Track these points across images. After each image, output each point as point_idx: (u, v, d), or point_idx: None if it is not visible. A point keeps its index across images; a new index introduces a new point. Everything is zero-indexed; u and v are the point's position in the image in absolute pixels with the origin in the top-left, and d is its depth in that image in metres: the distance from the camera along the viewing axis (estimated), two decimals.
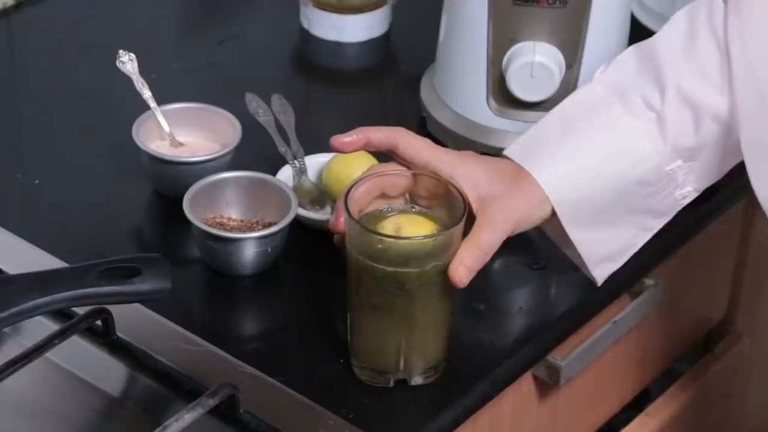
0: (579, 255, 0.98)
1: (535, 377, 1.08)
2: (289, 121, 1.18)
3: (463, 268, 0.92)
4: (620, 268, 1.09)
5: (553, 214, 0.96)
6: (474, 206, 0.94)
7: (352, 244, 0.93)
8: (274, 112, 1.18)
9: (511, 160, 0.96)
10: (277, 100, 1.20)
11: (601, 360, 1.13)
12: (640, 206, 0.98)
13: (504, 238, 0.94)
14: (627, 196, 0.96)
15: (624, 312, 1.12)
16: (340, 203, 0.94)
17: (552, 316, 1.05)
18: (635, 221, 0.99)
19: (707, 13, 0.97)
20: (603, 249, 0.99)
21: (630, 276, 1.11)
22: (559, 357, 1.06)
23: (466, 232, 0.94)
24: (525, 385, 1.08)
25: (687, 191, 0.99)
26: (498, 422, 1.06)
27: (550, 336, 1.05)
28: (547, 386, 1.09)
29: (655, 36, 0.99)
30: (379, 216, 0.95)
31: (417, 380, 0.96)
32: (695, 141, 0.96)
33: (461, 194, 0.93)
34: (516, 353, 1.02)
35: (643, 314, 1.14)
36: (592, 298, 1.08)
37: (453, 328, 1.03)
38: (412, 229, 0.93)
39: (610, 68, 0.98)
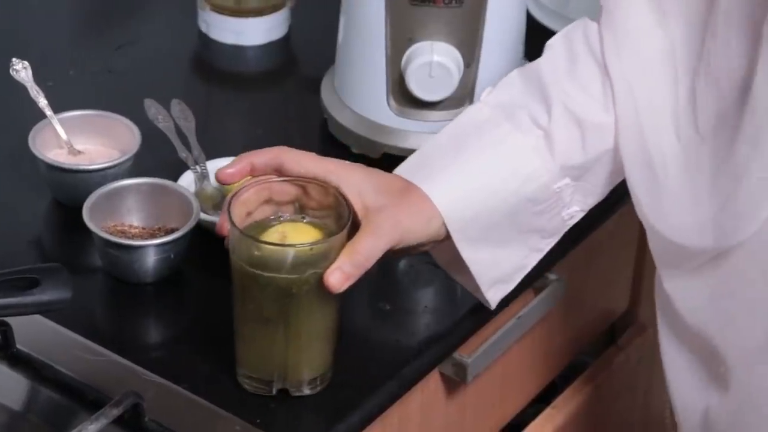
0: (471, 278, 0.99)
1: (442, 375, 1.09)
2: (189, 126, 1.17)
3: (339, 273, 0.90)
4: None
5: (441, 234, 0.95)
6: (360, 215, 0.93)
7: (234, 250, 0.93)
8: (174, 117, 1.18)
9: (401, 177, 0.96)
10: (176, 105, 1.19)
11: (507, 356, 1.14)
12: (530, 225, 0.99)
13: (387, 247, 0.92)
14: (518, 214, 0.97)
15: (528, 307, 1.13)
16: (226, 206, 0.93)
17: (457, 314, 1.06)
18: (525, 241, 0.99)
19: (583, 34, 0.99)
20: (494, 270, 0.99)
21: (533, 271, 1.12)
22: (465, 354, 1.07)
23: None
24: (432, 383, 1.08)
25: (573, 211, 1.00)
26: (406, 421, 1.07)
27: (456, 334, 1.06)
28: (454, 383, 1.10)
29: (537, 60, 1.00)
30: (267, 224, 0.95)
31: (304, 390, 0.96)
32: (583, 158, 0.98)
33: (346, 202, 0.93)
34: (422, 352, 1.02)
35: (547, 309, 1.16)
36: None
37: (360, 329, 1.03)
38: (297, 237, 0.93)
39: (496, 89, 1.00)
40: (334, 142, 1.21)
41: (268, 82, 1.35)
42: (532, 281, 1.13)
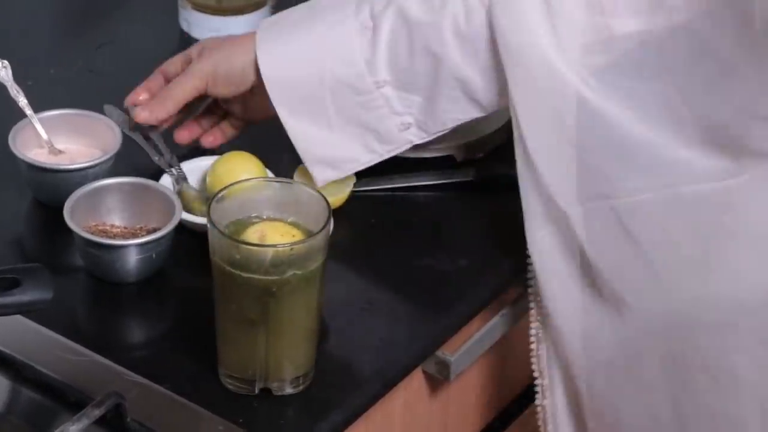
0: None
1: (425, 373, 1.09)
2: (153, 129, 1.16)
3: (144, 113, 1.07)
4: (506, 262, 1.11)
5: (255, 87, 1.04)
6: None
7: (214, 251, 0.92)
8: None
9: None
10: (133, 110, 1.17)
11: (490, 354, 1.14)
12: (357, 117, 1.03)
13: (197, 85, 1.06)
14: (339, 97, 1.02)
15: (511, 305, 1.13)
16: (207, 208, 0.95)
17: (440, 313, 1.06)
18: (358, 135, 1.04)
19: None
20: (321, 150, 1.04)
21: (516, 269, 1.13)
22: (448, 352, 1.07)
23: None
24: (416, 381, 1.08)
25: (407, 122, 1.03)
26: (390, 419, 1.07)
27: (439, 332, 1.06)
28: (437, 382, 1.10)
29: None
30: (247, 223, 0.95)
31: (286, 389, 0.96)
32: (408, 63, 1.01)
33: (327, 204, 0.93)
34: (405, 350, 1.02)
35: (530, 306, 1.15)
36: (479, 293, 1.09)
37: (342, 328, 1.03)
38: (276, 236, 0.93)
39: None
40: None
41: None
42: (515, 279, 1.13)
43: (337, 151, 1.04)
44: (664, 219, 0.98)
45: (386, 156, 1.06)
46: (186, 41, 1.36)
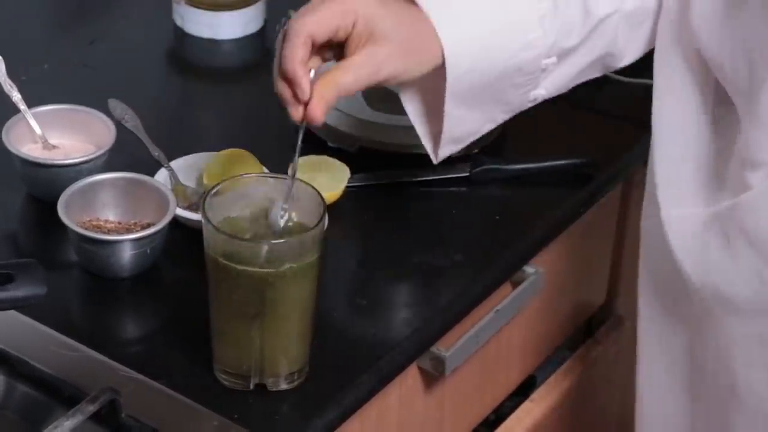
0: (431, 128, 1.00)
1: (420, 369, 1.08)
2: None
3: (322, 105, 0.90)
4: (502, 257, 1.11)
5: (423, 75, 0.94)
6: (359, 27, 0.91)
7: (209, 247, 0.92)
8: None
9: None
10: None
11: (485, 349, 1.14)
12: (504, 94, 1.00)
13: (366, 85, 0.92)
14: (502, 79, 0.98)
15: (506, 301, 1.13)
16: (201, 202, 0.91)
17: (435, 308, 1.06)
18: (491, 108, 1.01)
19: None
20: (458, 128, 1.00)
21: (511, 265, 1.13)
22: (443, 348, 1.07)
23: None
24: (411, 377, 1.08)
25: (539, 93, 1.02)
26: (385, 415, 1.06)
27: (434, 328, 1.06)
28: (432, 377, 1.10)
29: None
30: (240, 218, 0.94)
31: (281, 385, 0.96)
32: (576, 41, 0.99)
33: (322, 200, 0.93)
34: (400, 346, 1.02)
35: (524, 302, 1.16)
36: (474, 289, 1.09)
37: (337, 323, 1.03)
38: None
39: None
40: (310, 136, 1.21)
41: (243, 75, 1.34)
42: (510, 274, 1.14)
43: (468, 126, 1.01)
44: None
45: (499, 123, 1.03)
46: (180, 36, 1.36)
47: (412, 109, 1.01)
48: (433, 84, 0.96)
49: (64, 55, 1.31)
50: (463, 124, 1.00)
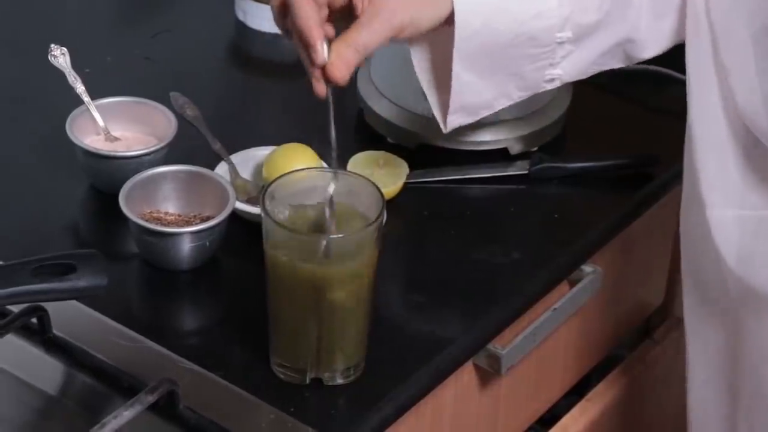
0: (441, 94, 0.98)
1: (476, 367, 1.08)
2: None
3: (342, 64, 0.89)
4: (560, 256, 1.11)
5: (435, 30, 0.93)
6: None
7: (268, 240, 0.92)
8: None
9: None
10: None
11: (541, 348, 1.13)
12: (517, 66, 0.98)
13: (383, 41, 0.91)
14: (514, 48, 0.97)
15: (563, 299, 1.12)
16: (261, 197, 0.91)
17: (492, 306, 1.05)
18: (505, 81, 0.99)
19: None
20: (468, 96, 0.99)
21: (569, 263, 1.12)
22: (499, 346, 1.07)
23: None
24: (466, 374, 1.08)
25: (556, 74, 1.00)
26: (440, 412, 1.06)
27: (491, 325, 1.05)
28: (488, 375, 1.10)
29: None
30: (300, 212, 0.94)
31: (337, 380, 0.96)
32: (594, 18, 0.98)
33: (380, 194, 0.93)
34: (456, 343, 1.02)
35: (582, 301, 1.15)
36: (532, 287, 1.08)
37: (394, 319, 1.03)
38: (335, 226, 0.92)
39: None
40: (369, 132, 1.21)
41: (303, 70, 1.34)
42: (568, 273, 1.13)
43: (480, 97, 0.99)
44: None
45: (515, 101, 1.01)
46: (241, 30, 1.37)
47: (425, 76, 0.99)
48: (443, 48, 0.95)
49: (127, 48, 1.32)
50: (474, 92, 0.98)
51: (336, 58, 0.89)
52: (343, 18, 0.93)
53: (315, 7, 0.89)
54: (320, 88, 0.89)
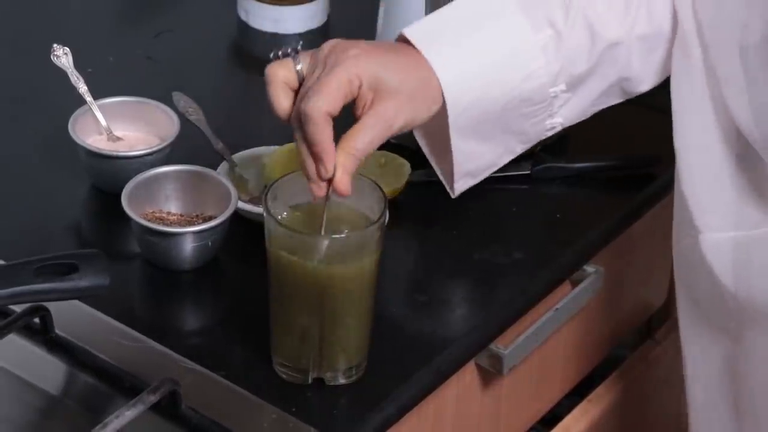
0: (446, 165, 0.99)
1: (478, 366, 1.08)
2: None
3: (347, 178, 0.90)
4: (562, 256, 1.11)
5: (432, 117, 0.94)
6: (364, 89, 0.91)
7: (270, 240, 0.93)
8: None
9: (410, 43, 0.94)
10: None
11: (543, 348, 1.13)
12: (515, 125, 0.99)
13: (382, 142, 0.92)
14: (509, 111, 0.97)
15: (565, 300, 1.12)
16: (263, 196, 0.92)
17: (494, 306, 1.06)
18: (506, 141, 0.99)
19: None
20: (471, 163, 0.99)
21: (571, 263, 1.12)
22: (501, 346, 1.07)
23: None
24: (468, 374, 1.08)
25: (556, 122, 1.00)
26: (442, 412, 1.06)
27: (493, 325, 1.05)
28: (490, 375, 1.10)
29: None
30: (302, 211, 0.95)
31: (339, 380, 0.96)
32: (585, 67, 0.98)
33: (383, 193, 0.93)
34: (458, 343, 1.02)
35: (584, 302, 1.15)
36: (534, 287, 1.08)
37: (396, 319, 1.03)
38: (337, 226, 0.93)
39: None
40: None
41: None
42: (570, 273, 1.13)
43: (483, 160, 1.00)
44: None
45: (518, 153, 1.02)
46: (244, 31, 1.37)
47: (427, 147, 1.01)
48: (440, 122, 0.96)
49: (129, 48, 1.32)
50: (476, 158, 1.00)
51: (342, 173, 0.90)
52: None
53: (330, 123, 0.90)
54: (320, 191, 0.92)
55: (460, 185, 1.00)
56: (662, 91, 1.28)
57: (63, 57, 1.17)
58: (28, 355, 0.98)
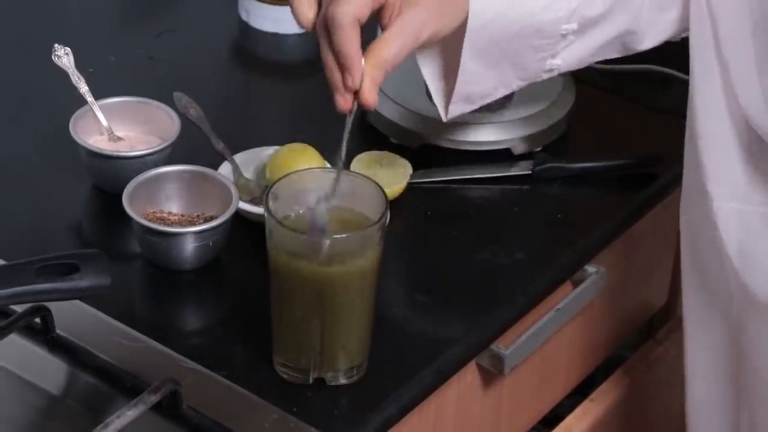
0: (445, 83, 0.97)
1: (479, 367, 1.08)
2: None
3: (375, 90, 0.88)
4: (563, 256, 1.11)
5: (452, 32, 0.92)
6: (396, 4, 0.88)
7: (271, 240, 0.93)
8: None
9: None
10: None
11: (544, 348, 1.13)
12: (520, 57, 0.98)
13: (409, 54, 0.90)
14: (520, 39, 0.96)
15: (566, 300, 1.12)
16: (264, 196, 0.91)
17: (495, 306, 1.05)
18: (506, 71, 0.99)
19: None
20: (471, 86, 0.98)
21: (572, 264, 1.12)
22: (502, 346, 1.07)
23: None
24: (469, 374, 1.08)
25: (555, 64, 1.00)
26: (443, 412, 1.06)
27: (494, 325, 1.05)
28: (491, 375, 1.10)
29: None
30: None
31: (340, 380, 0.96)
32: (600, 10, 0.98)
33: (383, 194, 0.93)
34: (459, 343, 1.02)
35: (585, 302, 1.15)
36: (535, 287, 1.08)
37: (397, 319, 1.03)
38: (338, 226, 0.93)
39: None
40: (373, 132, 1.21)
41: (307, 70, 1.35)
42: (571, 273, 1.13)
43: (482, 86, 0.99)
44: None
45: (514, 90, 1.01)
46: (245, 30, 1.37)
47: (428, 66, 0.99)
48: (452, 39, 0.95)
49: (130, 48, 1.32)
50: (478, 82, 0.98)
51: (370, 83, 0.88)
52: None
53: (359, 30, 0.88)
54: (346, 104, 0.89)
55: (455, 108, 0.99)
56: (663, 91, 1.29)
57: (64, 57, 1.17)
58: (29, 355, 0.98)
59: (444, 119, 1.00)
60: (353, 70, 0.87)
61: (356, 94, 0.88)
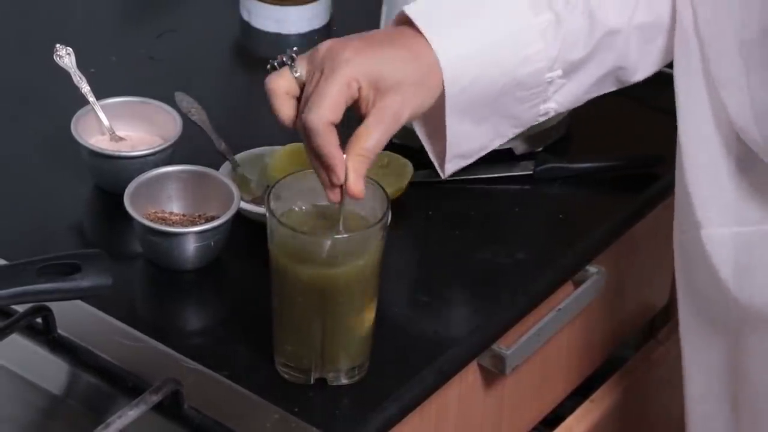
0: (438, 145, 0.98)
1: (480, 367, 1.08)
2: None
3: (360, 181, 0.89)
4: (564, 256, 1.11)
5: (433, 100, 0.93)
6: (365, 90, 0.90)
7: (273, 240, 0.93)
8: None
9: (407, 24, 0.93)
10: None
11: (545, 348, 1.13)
12: (510, 109, 0.98)
13: (391, 137, 0.91)
14: (504, 95, 0.96)
15: (568, 300, 1.13)
16: (266, 196, 0.91)
17: (496, 306, 1.06)
18: (498, 124, 0.99)
19: None
20: (464, 145, 0.99)
21: (573, 264, 1.12)
22: (504, 346, 1.07)
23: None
24: (471, 374, 1.08)
25: (549, 107, 1.00)
26: (444, 412, 1.06)
27: (495, 325, 1.05)
28: (492, 375, 1.10)
29: None
30: (304, 212, 0.95)
31: (342, 380, 0.96)
32: (582, 54, 0.97)
33: (385, 194, 0.93)
34: (461, 343, 1.02)
35: (586, 302, 1.15)
36: (536, 287, 1.08)
37: (398, 319, 1.03)
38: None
39: None
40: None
41: None
42: (572, 273, 1.13)
43: (476, 142, 0.99)
44: None
45: (509, 137, 1.01)
46: (246, 31, 1.37)
47: (420, 128, 1.01)
48: (438, 104, 0.96)
49: (132, 48, 1.32)
50: (469, 140, 0.99)
51: (355, 177, 0.90)
52: None
53: (335, 131, 0.90)
54: (335, 197, 0.91)
55: (450, 166, 1.00)
56: (665, 91, 1.28)
57: (66, 57, 1.17)
58: (31, 355, 0.98)
59: (443, 176, 1.01)
60: (336, 168, 0.89)
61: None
